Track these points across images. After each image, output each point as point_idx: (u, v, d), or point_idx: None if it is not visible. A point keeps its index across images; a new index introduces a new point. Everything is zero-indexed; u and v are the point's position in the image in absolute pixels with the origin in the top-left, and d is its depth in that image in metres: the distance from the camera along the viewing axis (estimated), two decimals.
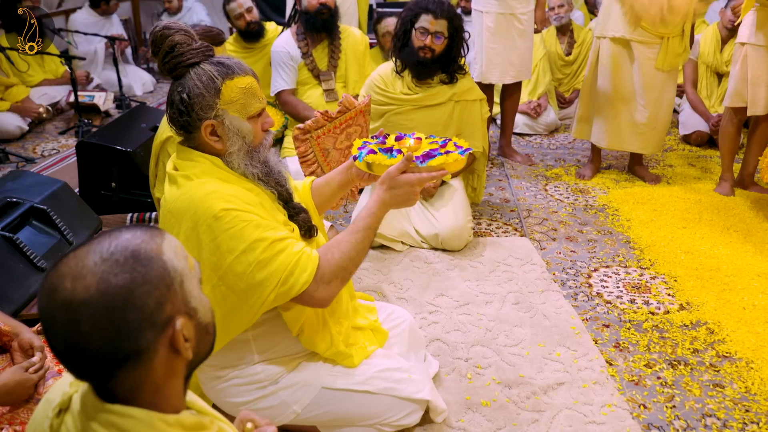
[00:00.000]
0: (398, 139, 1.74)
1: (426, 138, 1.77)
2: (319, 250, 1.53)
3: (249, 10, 4.14)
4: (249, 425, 1.12)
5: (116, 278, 0.80)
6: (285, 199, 1.63)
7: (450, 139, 1.74)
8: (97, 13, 5.77)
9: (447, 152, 1.63)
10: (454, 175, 2.88)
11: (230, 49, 4.21)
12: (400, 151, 1.64)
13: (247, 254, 1.44)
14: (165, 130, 2.45)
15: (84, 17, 5.72)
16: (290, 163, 3.43)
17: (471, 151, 1.67)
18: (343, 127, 2.31)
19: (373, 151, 1.67)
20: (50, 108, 4.94)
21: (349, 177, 1.79)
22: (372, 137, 1.81)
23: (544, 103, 4.79)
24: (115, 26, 5.88)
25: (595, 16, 5.47)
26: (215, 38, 2.54)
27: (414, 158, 1.57)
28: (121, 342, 0.80)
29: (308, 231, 1.66)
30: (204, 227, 1.44)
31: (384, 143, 1.74)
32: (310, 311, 1.63)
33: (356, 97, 3.58)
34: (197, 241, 1.45)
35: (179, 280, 0.86)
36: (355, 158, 1.70)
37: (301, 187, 1.83)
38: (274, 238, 1.45)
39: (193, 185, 1.47)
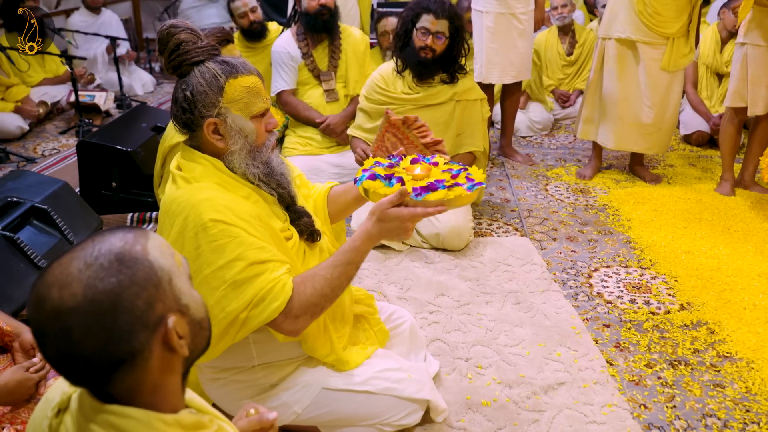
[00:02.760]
0: (414, 162, 1.63)
1: (444, 163, 1.65)
2: (295, 280, 1.48)
3: (253, 10, 4.14)
4: (252, 410, 1.13)
5: (102, 283, 0.80)
6: (287, 203, 1.62)
7: (467, 168, 1.59)
8: (88, 12, 5.77)
9: (454, 185, 1.49)
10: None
11: None
12: (400, 179, 1.52)
13: (224, 270, 1.42)
14: (175, 135, 2.45)
15: (79, 18, 5.72)
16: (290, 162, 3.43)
17: (482, 186, 1.53)
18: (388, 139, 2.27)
19: (374, 176, 1.57)
20: (48, 103, 4.94)
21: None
22: (389, 156, 1.71)
23: (522, 102, 4.80)
24: (114, 26, 5.87)
25: (596, 16, 5.47)
26: (228, 35, 2.56)
27: (412, 190, 1.46)
28: (114, 346, 0.80)
29: (310, 236, 1.65)
30: (190, 234, 1.43)
31: (394, 167, 1.62)
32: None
33: (356, 97, 3.58)
34: (182, 246, 1.44)
35: (167, 279, 0.85)
36: (355, 181, 1.63)
37: (319, 190, 1.81)
38: (254, 259, 1.43)
39: (190, 189, 1.47)
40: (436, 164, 1.64)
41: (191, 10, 7.31)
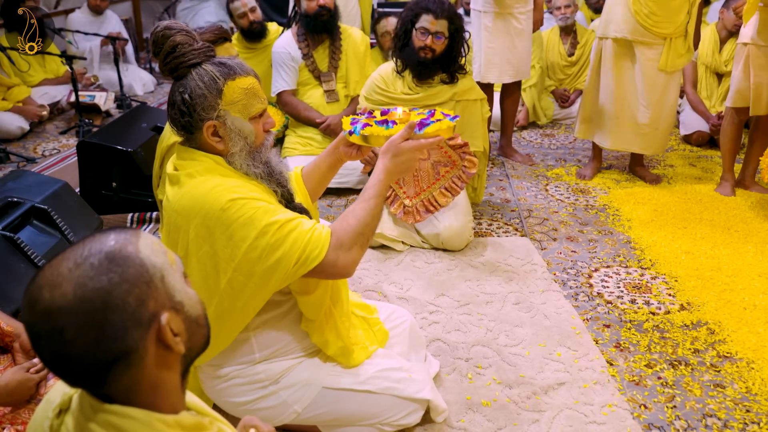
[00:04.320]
0: (384, 113, 1.77)
1: (411, 110, 1.80)
2: (333, 223, 1.55)
3: (252, 10, 4.14)
4: (252, 431, 1.12)
5: (93, 281, 0.80)
6: (286, 199, 1.63)
7: (435, 110, 1.78)
8: (90, 12, 5.76)
9: (437, 120, 1.68)
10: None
11: None
12: (394, 123, 1.69)
13: (260, 239, 1.44)
14: (172, 135, 2.45)
15: (79, 17, 5.72)
16: (291, 163, 3.43)
17: (458, 118, 1.75)
18: None
19: (367, 125, 1.70)
20: (47, 106, 4.94)
21: (336, 157, 1.81)
22: (358, 113, 1.85)
23: (523, 117, 4.86)
24: (114, 25, 5.87)
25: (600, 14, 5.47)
26: (225, 33, 2.55)
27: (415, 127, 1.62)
28: (107, 344, 0.80)
29: None
30: (213, 220, 1.44)
31: (372, 117, 1.78)
32: (327, 300, 1.64)
33: (357, 97, 3.58)
34: (209, 236, 1.45)
35: (159, 276, 0.85)
36: (350, 133, 1.72)
37: (293, 176, 1.84)
38: (284, 219, 1.46)
39: (196, 182, 1.47)
40: (407, 112, 1.77)
41: (185, 11, 7.32)
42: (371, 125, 1.70)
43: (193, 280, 1.46)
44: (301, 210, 1.65)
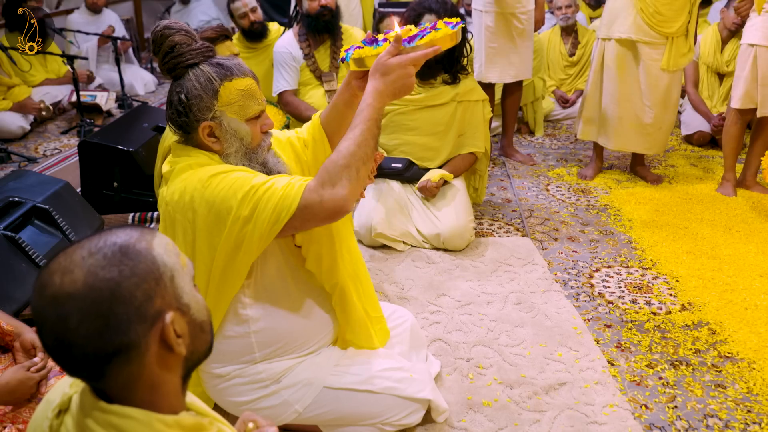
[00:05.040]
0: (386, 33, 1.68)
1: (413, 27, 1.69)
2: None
3: (253, 10, 4.14)
4: (251, 425, 1.12)
5: (103, 271, 0.81)
6: None
7: (437, 22, 1.62)
8: (88, 11, 5.76)
9: (437, 29, 1.54)
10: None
11: None
12: (386, 41, 1.57)
13: (241, 209, 1.42)
14: (173, 134, 2.46)
15: (78, 18, 5.72)
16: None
17: (462, 24, 1.58)
18: None
19: (359, 48, 1.60)
20: (50, 106, 4.95)
21: (351, 92, 1.69)
22: (362, 41, 1.74)
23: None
24: (113, 24, 5.88)
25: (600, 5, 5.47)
26: (226, 31, 2.55)
27: (402, 40, 1.49)
28: (110, 335, 0.80)
29: None
30: (198, 199, 1.44)
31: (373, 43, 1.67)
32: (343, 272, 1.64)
33: None
34: (195, 217, 1.45)
35: (169, 275, 0.86)
36: (343, 60, 1.63)
37: (310, 125, 1.82)
38: (259, 183, 1.43)
39: (186, 174, 1.48)
40: (409, 29, 1.64)
41: (179, 12, 7.34)
42: (361, 47, 1.60)
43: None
44: None
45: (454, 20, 1.60)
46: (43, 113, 4.82)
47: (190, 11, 7.36)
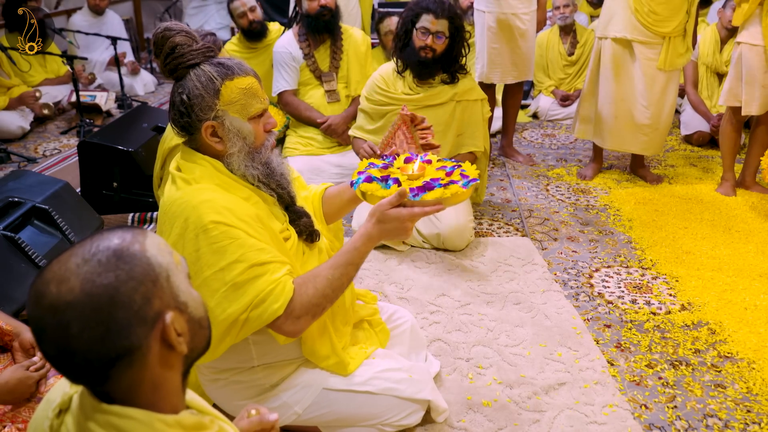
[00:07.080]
0: (407, 161, 1.65)
1: (438, 160, 1.67)
2: (296, 281, 1.48)
3: (252, 9, 4.14)
4: (253, 411, 1.13)
5: (100, 278, 0.80)
6: (286, 203, 1.62)
7: (460, 165, 1.62)
8: (91, 12, 5.77)
9: (449, 182, 1.51)
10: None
11: (233, 50, 4.21)
12: (397, 180, 1.55)
13: (224, 272, 1.42)
14: (174, 136, 2.46)
15: (81, 19, 5.72)
16: (292, 162, 3.43)
17: (476, 182, 1.55)
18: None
19: (370, 178, 1.58)
20: (52, 105, 4.94)
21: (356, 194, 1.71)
22: (382, 156, 1.75)
23: None
24: (115, 26, 5.88)
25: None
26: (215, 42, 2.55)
27: (409, 191, 1.47)
28: (112, 341, 0.80)
29: (309, 236, 1.65)
30: (191, 236, 1.43)
31: (388, 167, 1.65)
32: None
33: (358, 97, 3.58)
34: (182, 248, 1.44)
35: (165, 275, 0.86)
36: (352, 184, 1.63)
37: (314, 191, 1.81)
38: (255, 261, 1.42)
39: (190, 190, 1.47)
40: (429, 162, 1.65)
41: (194, 10, 7.32)
42: (374, 178, 1.58)
43: None
44: (302, 214, 1.64)
45: (472, 173, 1.57)
46: (45, 111, 4.82)
47: (205, 13, 7.34)
